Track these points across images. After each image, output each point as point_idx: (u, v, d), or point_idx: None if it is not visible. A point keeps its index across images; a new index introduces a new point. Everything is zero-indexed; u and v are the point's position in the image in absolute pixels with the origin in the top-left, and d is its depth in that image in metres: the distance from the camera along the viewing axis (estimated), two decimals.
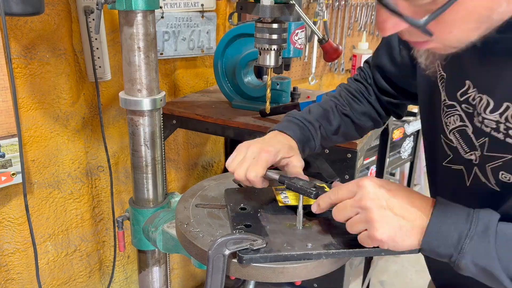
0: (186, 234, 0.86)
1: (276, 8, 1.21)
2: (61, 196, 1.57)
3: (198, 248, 0.83)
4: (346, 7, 2.67)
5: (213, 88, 1.96)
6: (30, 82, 1.39)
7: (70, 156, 1.56)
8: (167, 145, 1.94)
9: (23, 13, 1.11)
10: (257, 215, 0.89)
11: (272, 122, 1.47)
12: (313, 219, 0.88)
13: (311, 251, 0.78)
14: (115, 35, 1.59)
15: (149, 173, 1.19)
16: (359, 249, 0.78)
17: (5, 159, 1.30)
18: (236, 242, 0.77)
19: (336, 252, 0.78)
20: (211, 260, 0.76)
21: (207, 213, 0.94)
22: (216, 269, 0.77)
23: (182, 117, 1.58)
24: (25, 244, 1.49)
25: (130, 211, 1.24)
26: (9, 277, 1.49)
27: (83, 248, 1.70)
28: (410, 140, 2.61)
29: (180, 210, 0.95)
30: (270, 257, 0.77)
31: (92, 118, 1.59)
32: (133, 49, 1.06)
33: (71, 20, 1.44)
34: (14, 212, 1.44)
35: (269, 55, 1.27)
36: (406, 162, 2.68)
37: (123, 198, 1.80)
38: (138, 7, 1.02)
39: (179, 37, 1.79)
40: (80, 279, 1.72)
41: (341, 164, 1.33)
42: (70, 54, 1.46)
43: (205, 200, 0.99)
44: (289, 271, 0.78)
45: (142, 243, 1.22)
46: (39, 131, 1.45)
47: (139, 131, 1.14)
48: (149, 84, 1.10)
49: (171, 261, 2.08)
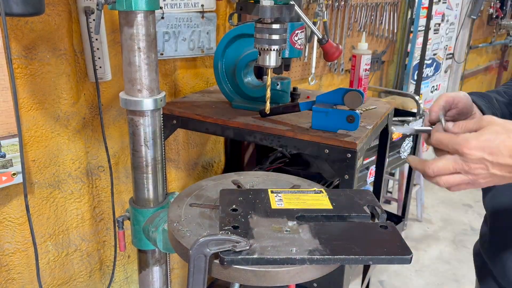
0: (174, 233, 0.86)
1: (276, 8, 1.21)
2: (62, 196, 1.58)
3: (183, 247, 0.83)
4: (346, 7, 2.68)
5: (213, 88, 1.96)
6: (31, 82, 1.39)
7: (71, 156, 1.57)
8: (167, 145, 1.94)
9: (23, 14, 1.11)
10: (248, 217, 0.88)
11: (272, 122, 1.47)
12: (304, 223, 0.87)
13: (294, 256, 0.76)
14: (116, 35, 1.59)
15: (149, 173, 1.19)
16: (345, 256, 0.77)
17: (5, 159, 1.30)
18: (219, 243, 0.76)
19: (321, 258, 0.76)
20: (192, 259, 0.76)
21: (199, 213, 0.94)
22: (197, 269, 0.76)
23: (182, 117, 1.58)
24: (26, 244, 1.50)
25: (130, 211, 1.24)
26: (9, 277, 1.49)
27: (83, 248, 1.70)
28: (410, 140, 2.61)
29: (173, 208, 0.95)
30: (252, 259, 0.76)
31: (93, 118, 1.60)
32: (134, 50, 1.06)
33: (71, 20, 1.44)
34: (14, 212, 1.44)
35: (269, 55, 1.27)
36: (406, 162, 2.69)
37: (123, 198, 1.80)
38: (138, 7, 1.02)
39: (179, 37, 1.79)
40: (81, 279, 1.73)
41: (341, 164, 1.33)
42: (71, 54, 1.47)
43: (201, 199, 0.99)
44: (271, 275, 0.77)
45: (143, 243, 1.22)
46: (39, 131, 1.45)
47: (140, 131, 1.14)
48: (150, 84, 1.10)
49: (171, 261, 2.09)
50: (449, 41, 4.10)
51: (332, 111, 1.36)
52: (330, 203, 0.95)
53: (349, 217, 0.90)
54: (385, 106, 1.70)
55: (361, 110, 1.60)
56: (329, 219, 0.90)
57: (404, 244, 0.81)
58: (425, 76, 3.81)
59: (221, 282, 0.79)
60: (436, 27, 3.76)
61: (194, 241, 0.75)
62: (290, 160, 2.00)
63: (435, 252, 3.26)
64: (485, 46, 4.74)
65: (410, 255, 0.78)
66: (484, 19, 4.58)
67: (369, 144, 1.54)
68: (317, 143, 1.35)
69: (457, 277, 2.97)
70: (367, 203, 0.95)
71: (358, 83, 1.79)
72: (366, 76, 1.80)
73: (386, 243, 0.82)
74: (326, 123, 1.38)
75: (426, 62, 3.73)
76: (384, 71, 3.47)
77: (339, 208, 0.93)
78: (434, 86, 4.11)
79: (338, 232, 0.84)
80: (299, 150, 1.40)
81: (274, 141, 1.43)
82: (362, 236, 0.84)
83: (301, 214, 0.89)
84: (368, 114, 1.60)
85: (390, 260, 0.77)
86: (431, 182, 0.81)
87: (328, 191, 1.00)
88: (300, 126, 1.43)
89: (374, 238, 0.83)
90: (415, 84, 3.35)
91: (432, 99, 4.15)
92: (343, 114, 1.34)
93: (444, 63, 4.16)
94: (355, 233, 0.85)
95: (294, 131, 1.39)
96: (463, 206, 3.94)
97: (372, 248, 0.79)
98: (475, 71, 4.83)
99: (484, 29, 4.64)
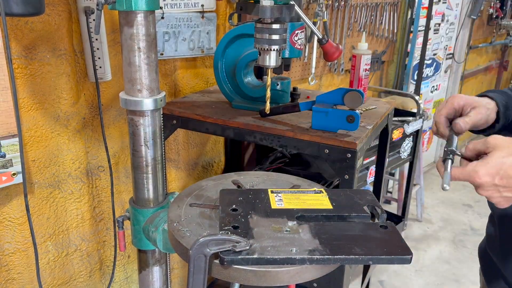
0: (174, 233, 0.86)
1: (276, 8, 1.21)
2: (62, 196, 1.58)
3: (183, 247, 0.83)
4: (346, 7, 2.68)
5: (213, 88, 1.96)
6: (31, 82, 1.39)
7: (71, 156, 1.57)
8: (167, 145, 1.94)
9: (23, 14, 1.11)
10: (248, 217, 0.88)
11: (272, 122, 1.47)
12: (304, 223, 0.87)
13: (294, 256, 0.76)
14: (116, 35, 1.59)
15: (149, 173, 1.19)
16: (345, 256, 0.77)
17: (5, 159, 1.30)
18: (219, 243, 0.76)
19: (321, 258, 0.76)
20: (192, 259, 0.76)
21: (199, 213, 0.94)
22: (197, 269, 0.76)
23: (182, 117, 1.58)
24: (26, 244, 1.50)
25: (130, 211, 1.24)
26: (9, 277, 1.49)
27: (83, 248, 1.70)
28: (410, 140, 2.61)
29: (173, 208, 0.95)
30: (252, 259, 0.76)
31: (93, 118, 1.60)
32: (134, 50, 1.06)
33: (71, 20, 1.44)
34: (14, 212, 1.44)
35: (269, 55, 1.27)
36: (406, 162, 2.69)
37: (123, 198, 1.80)
38: (138, 7, 1.02)
39: (179, 37, 1.79)
40: (81, 279, 1.73)
41: (341, 164, 1.33)
42: (71, 54, 1.47)
43: (201, 199, 0.99)
44: (271, 275, 0.77)
45: (143, 243, 1.22)
46: (39, 131, 1.45)
47: (139, 131, 1.14)
48: (150, 84, 1.10)
49: (171, 261, 2.09)
50: (449, 41, 4.10)
51: (332, 111, 1.36)
52: (330, 203, 0.95)
53: (349, 217, 0.90)
54: (385, 106, 1.70)
55: (361, 110, 1.61)
56: (329, 219, 0.90)
57: (404, 244, 0.81)
58: (425, 76, 3.82)
59: (221, 282, 0.79)
60: (436, 27, 3.77)
61: (194, 241, 0.75)
62: (290, 160, 2.00)
63: (435, 252, 3.26)
64: (485, 46, 4.74)
65: (410, 255, 0.79)
66: (484, 19, 4.58)
67: (369, 144, 1.54)
68: (317, 143, 1.35)
69: (457, 277, 2.97)
70: (367, 203, 0.95)
71: (358, 83, 1.79)
72: (366, 76, 1.80)
73: (386, 243, 0.82)
74: (326, 123, 1.38)
75: (426, 62, 3.73)
76: (384, 71, 3.47)
77: (339, 208, 0.93)
78: (434, 86, 4.11)
79: (338, 232, 0.84)
80: (299, 150, 1.40)
81: (274, 141, 1.43)
82: (362, 236, 0.84)
83: (301, 214, 0.89)
84: (368, 114, 1.60)
85: (390, 260, 0.77)
86: None
87: (328, 191, 1.00)
88: (300, 126, 1.43)
89: (374, 238, 0.83)
90: (415, 84, 3.35)
91: (432, 99, 4.16)
92: (343, 114, 1.34)
93: (444, 63, 4.16)
94: (355, 233, 0.85)
95: (294, 131, 1.39)
96: (463, 206, 3.94)
97: (372, 248, 0.79)
98: (475, 71, 4.83)
99: (484, 29, 4.64)
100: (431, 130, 0.98)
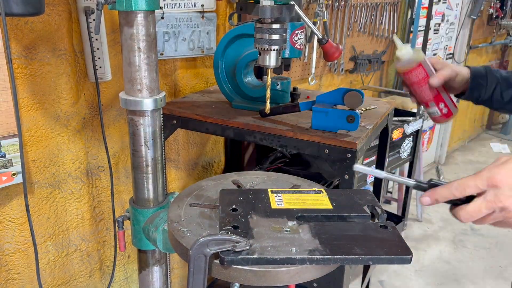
0: (174, 233, 0.86)
1: (276, 8, 1.21)
2: (62, 196, 1.58)
3: (183, 247, 0.83)
4: (346, 7, 2.68)
5: (213, 88, 1.96)
6: (31, 82, 1.39)
7: (71, 156, 1.57)
8: (167, 145, 1.94)
9: (23, 14, 1.11)
10: (248, 217, 0.88)
11: (272, 122, 1.47)
12: (304, 223, 0.87)
13: (294, 256, 0.76)
14: (116, 35, 1.59)
15: (149, 173, 1.19)
16: (345, 256, 0.77)
17: (5, 159, 1.30)
18: (219, 243, 0.76)
19: (321, 258, 0.76)
20: (192, 259, 0.75)
21: (199, 213, 0.94)
22: (197, 269, 0.76)
23: (182, 117, 1.58)
24: (26, 244, 1.50)
25: (130, 211, 1.24)
26: (9, 277, 1.49)
27: (83, 248, 1.70)
28: (410, 140, 2.61)
29: (173, 208, 0.95)
30: (252, 259, 0.76)
31: (93, 118, 1.60)
32: (134, 50, 1.06)
33: (71, 20, 1.44)
34: (14, 212, 1.44)
35: (269, 55, 1.27)
36: (406, 162, 2.69)
37: (123, 198, 1.80)
38: (138, 7, 1.02)
39: (179, 37, 1.79)
40: (81, 279, 1.73)
41: (341, 164, 1.33)
42: (71, 54, 1.47)
43: (201, 199, 0.99)
44: (271, 275, 0.77)
45: (143, 243, 1.22)
46: (39, 131, 1.45)
47: (139, 131, 1.14)
48: (150, 84, 1.10)
49: (171, 261, 2.09)
50: (449, 41, 4.10)
51: (332, 111, 1.36)
52: (330, 203, 0.95)
53: (349, 217, 0.90)
54: (385, 106, 1.70)
55: (361, 110, 1.60)
56: (329, 219, 0.90)
57: (404, 244, 0.81)
58: None
59: (221, 282, 0.79)
60: (436, 27, 3.76)
61: (194, 241, 0.75)
62: (290, 160, 2.00)
63: (435, 252, 3.26)
64: (485, 46, 4.74)
65: (410, 255, 0.78)
66: (484, 19, 4.58)
67: (369, 144, 1.54)
68: (317, 143, 1.35)
69: (457, 277, 2.97)
70: (367, 203, 0.95)
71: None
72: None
73: (386, 243, 0.82)
74: (326, 123, 1.38)
75: None
76: (384, 71, 3.47)
77: (339, 208, 0.93)
78: None
79: (338, 232, 0.84)
80: (299, 150, 1.40)
81: (274, 141, 1.43)
82: (362, 236, 0.84)
83: (301, 214, 0.89)
84: (368, 114, 1.60)
85: (390, 260, 0.77)
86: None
87: (328, 191, 1.00)
88: (300, 126, 1.43)
89: (374, 238, 0.83)
90: None
91: None
92: (343, 114, 1.34)
93: None
94: (355, 233, 0.85)
95: (294, 131, 1.39)
96: None
97: (372, 248, 0.79)
98: None
99: (484, 29, 4.64)
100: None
